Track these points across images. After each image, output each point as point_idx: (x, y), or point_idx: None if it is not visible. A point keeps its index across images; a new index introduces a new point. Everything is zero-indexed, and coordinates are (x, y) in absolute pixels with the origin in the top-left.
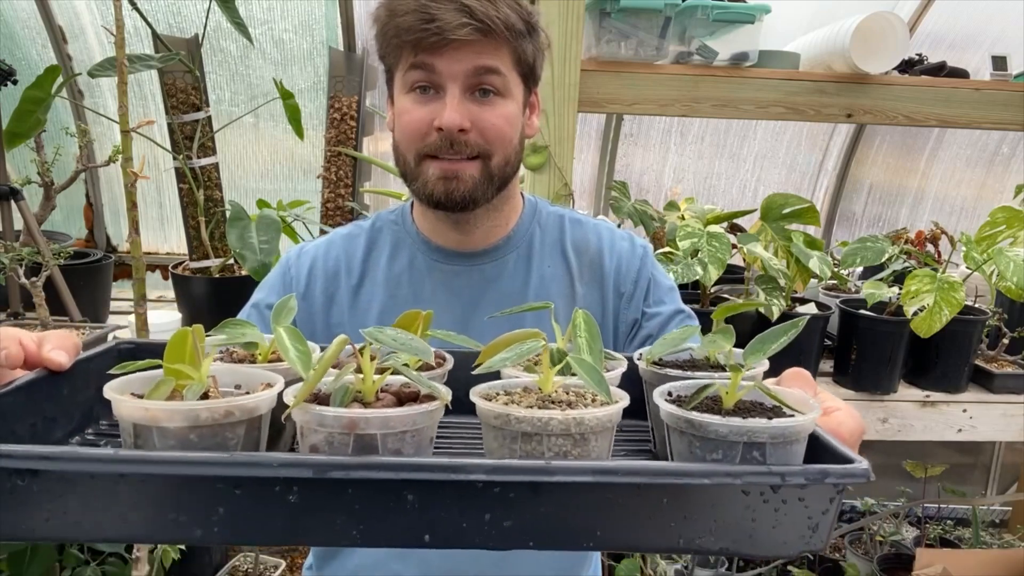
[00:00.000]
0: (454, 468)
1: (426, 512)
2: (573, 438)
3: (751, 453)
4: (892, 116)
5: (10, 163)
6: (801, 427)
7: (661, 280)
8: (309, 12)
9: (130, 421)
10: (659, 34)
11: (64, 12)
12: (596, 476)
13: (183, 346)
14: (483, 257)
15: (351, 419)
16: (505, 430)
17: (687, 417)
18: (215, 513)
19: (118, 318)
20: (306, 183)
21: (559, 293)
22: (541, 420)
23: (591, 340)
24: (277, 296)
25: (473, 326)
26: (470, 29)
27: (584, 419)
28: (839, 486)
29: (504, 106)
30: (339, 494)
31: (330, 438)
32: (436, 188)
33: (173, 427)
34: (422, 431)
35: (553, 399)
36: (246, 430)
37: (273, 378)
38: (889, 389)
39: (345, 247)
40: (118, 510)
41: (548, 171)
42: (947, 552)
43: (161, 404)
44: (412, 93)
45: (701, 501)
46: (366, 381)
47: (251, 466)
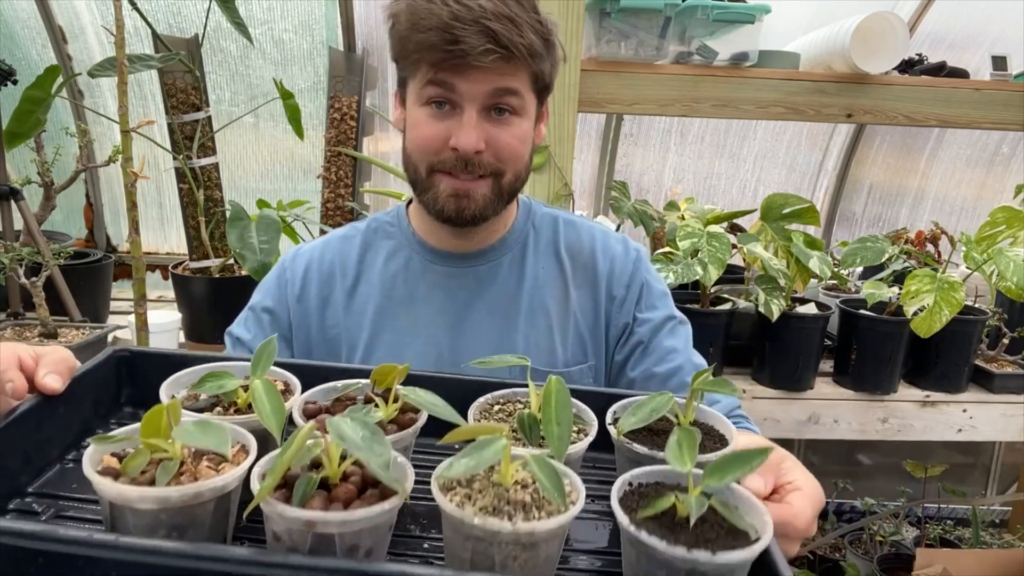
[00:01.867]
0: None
1: None
2: (523, 545)
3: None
4: (892, 116)
5: (10, 163)
6: (745, 561)
7: (654, 285)
8: (309, 12)
9: (107, 499)
10: (659, 34)
11: (64, 12)
12: None
13: (159, 420)
14: (478, 259)
15: (308, 520)
16: (460, 530)
17: (637, 536)
18: None
19: (118, 318)
20: (306, 183)
21: (553, 295)
22: (491, 531)
23: (560, 411)
24: (273, 299)
25: (467, 327)
26: (495, 57)
27: (535, 531)
28: None
29: (519, 125)
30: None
31: (290, 531)
32: (447, 205)
33: (144, 508)
34: (380, 526)
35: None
36: (216, 505)
37: (247, 440)
38: (889, 389)
39: (340, 249)
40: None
41: (548, 171)
42: (947, 552)
43: (134, 489)
44: (427, 107)
45: None
46: (332, 466)
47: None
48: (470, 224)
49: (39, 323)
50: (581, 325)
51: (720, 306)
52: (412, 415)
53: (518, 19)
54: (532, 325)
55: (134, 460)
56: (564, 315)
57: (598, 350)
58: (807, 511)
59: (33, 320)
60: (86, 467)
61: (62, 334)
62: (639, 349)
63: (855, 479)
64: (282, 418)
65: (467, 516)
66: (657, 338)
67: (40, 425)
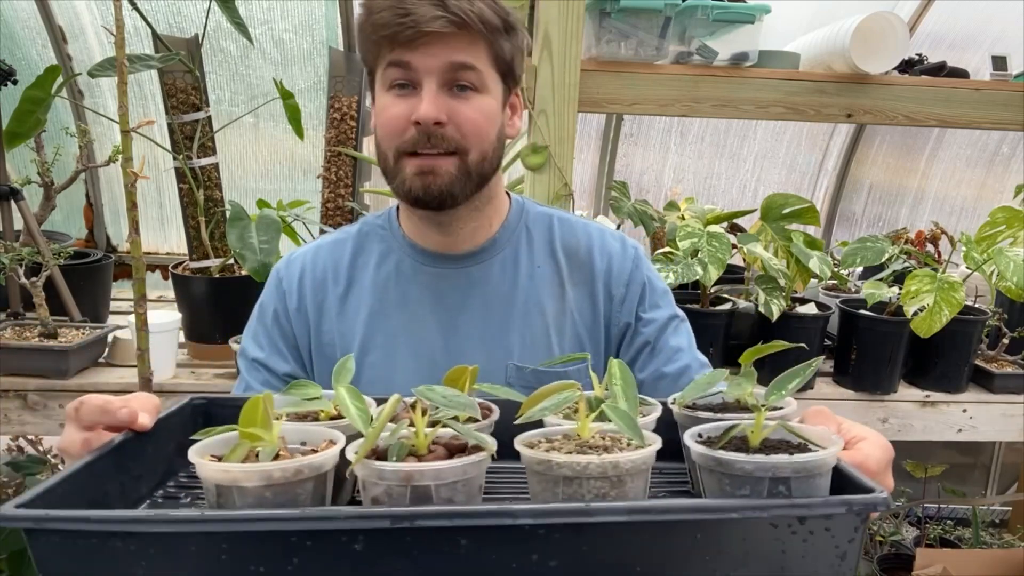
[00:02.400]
0: (502, 514)
1: (478, 555)
2: (610, 480)
3: (777, 488)
4: (892, 116)
5: (10, 163)
6: (822, 461)
7: (656, 283)
8: (309, 12)
9: (212, 482)
10: (659, 34)
11: (64, 12)
12: (631, 515)
13: (256, 411)
14: (468, 259)
15: (407, 472)
16: (547, 475)
17: (715, 456)
18: (290, 563)
19: (118, 318)
20: (306, 183)
21: (549, 295)
22: (580, 465)
23: (626, 387)
24: (276, 310)
25: (460, 328)
26: (444, 21)
27: (619, 462)
28: (862, 515)
29: (481, 101)
30: (399, 541)
31: (389, 490)
32: (413, 184)
33: (251, 486)
34: (472, 480)
35: (591, 444)
36: (314, 485)
37: (335, 435)
38: (889, 389)
39: (332, 253)
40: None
41: (548, 171)
42: (947, 552)
43: (240, 466)
44: (391, 91)
45: (732, 535)
46: (419, 436)
47: (320, 520)
48: (439, 204)
49: (39, 323)
50: (579, 324)
51: (720, 306)
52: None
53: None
54: (527, 325)
55: (235, 451)
56: (561, 314)
57: (596, 349)
58: (876, 453)
59: (33, 320)
60: (192, 455)
61: (62, 334)
62: (646, 349)
63: None
64: (368, 417)
65: (554, 456)
66: (663, 338)
67: (133, 459)
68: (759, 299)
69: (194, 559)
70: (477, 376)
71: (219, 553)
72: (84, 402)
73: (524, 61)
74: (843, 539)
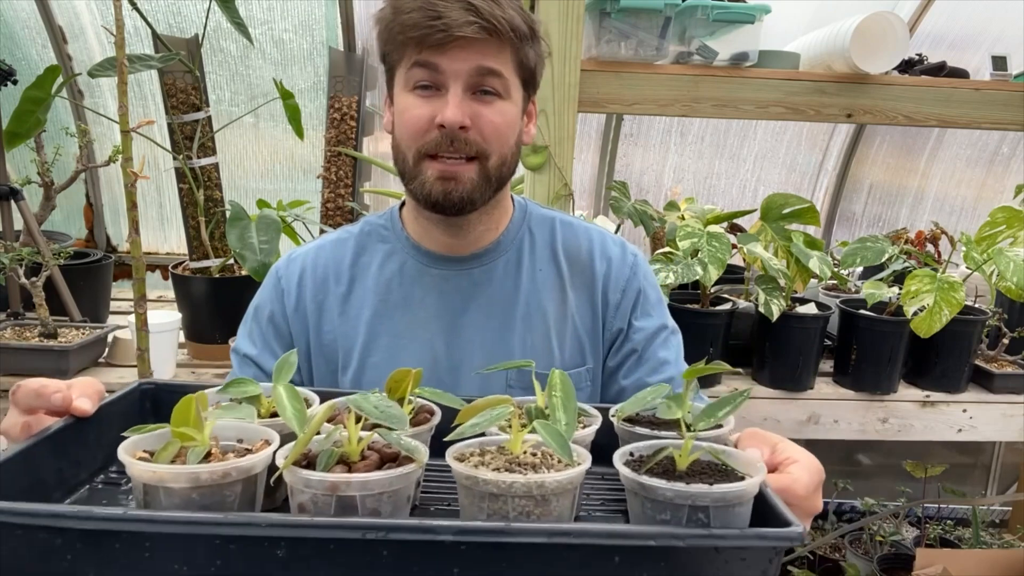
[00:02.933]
0: (423, 529)
1: (400, 567)
2: (535, 499)
3: (696, 515)
4: (892, 116)
5: (10, 163)
6: (741, 492)
7: (650, 292)
8: (309, 12)
9: (140, 481)
10: (659, 34)
11: (64, 12)
12: (551, 537)
13: (188, 410)
14: (472, 261)
15: (332, 483)
16: (474, 490)
17: (638, 480)
18: (213, 565)
19: (118, 318)
20: (306, 183)
21: (550, 298)
22: (505, 483)
23: (566, 399)
24: (272, 308)
25: (462, 330)
26: (476, 27)
27: (545, 482)
28: (776, 548)
29: (503, 107)
30: (321, 551)
31: (315, 498)
32: (434, 189)
33: (178, 487)
34: (399, 491)
35: (520, 461)
36: (243, 487)
37: (271, 435)
38: (889, 389)
39: (333, 253)
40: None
41: (548, 171)
42: (947, 552)
43: (167, 467)
44: (414, 91)
45: (650, 560)
46: (351, 443)
47: (241, 526)
48: (458, 210)
49: (39, 323)
50: (579, 328)
51: (720, 306)
52: (427, 415)
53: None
54: (529, 328)
55: (165, 450)
56: (562, 318)
57: (596, 353)
58: (804, 478)
59: (33, 320)
60: (121, 453)
61: (62, 334)
62: (633, 357)
63: (855, 479)
64: (304, 418)
65: (481, 473)
66: (651, 348)
67: (72, 445)
68: (759, 299)
69: (118, 556)
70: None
71: (143, 551)
72: (21, 385)
73: (544, 69)
74: (757, 569)
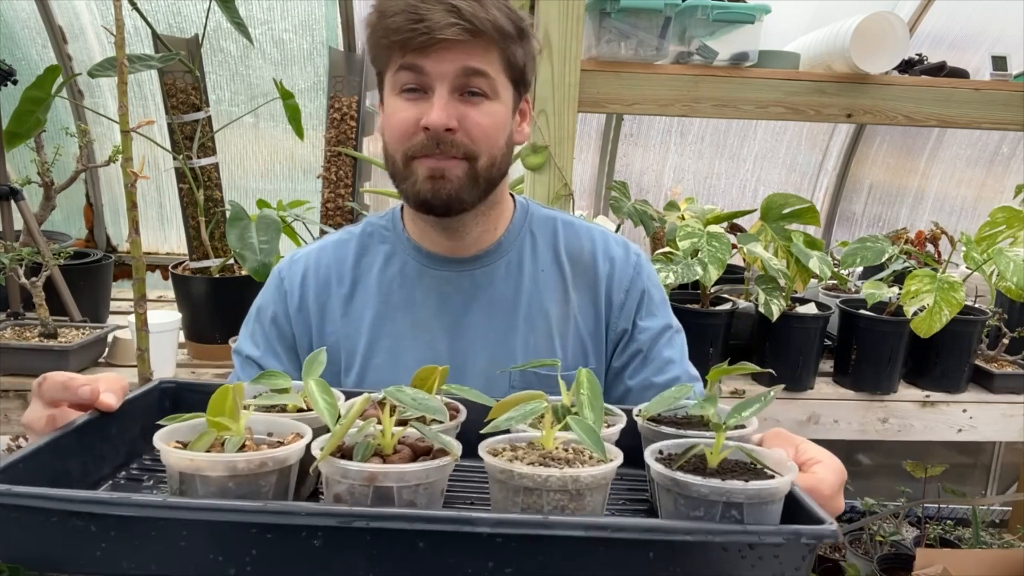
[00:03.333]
0: (461, 520)
1: (436, 559)
2: (570, 494)
3: (730, 512)
4: (892, 116)
5: (10, 163)
6: (776, 489)
7: (654, 292)
8: (309, 12)
9: (177, 469)
10: (659, 34)
11: (64, 12)
12: (588, 531)
13: (224, 400)
14: (473, 263)
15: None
16: (508, 484)
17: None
18: (248, 554)
19: (118, 318)
20: (306, 183)
21: (552, 299)
22: (541, 477)
23: (592, 398)
24: (275, 309)
25: (465, 331)
26: (458, 29)
27: (580, 477)
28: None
29: (491, 107)
30: (358, 541)
31: (352, 489)
32: (423, 188)
33: (214, 476)
34: (434, 484)
35: (553, 456)
36: (278, 478)
37: (302, 428)
38: (889, 389)
39: (336, 254)
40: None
41: (548, 171)
42: (947, 552)
43: (205, 456)
44: (401, 95)
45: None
46: (385, 436)
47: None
48: (447, 209)
49: (39, 323)
50: (582, 329)
51: (720, 306)
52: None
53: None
54: (531, 329)
55: (200, 440)
56: (565, 319)
57: (598, 354)
58: (829, 478)
59: (33, 320)
60: (157, 441)
61: (62, 334)
62: (638, 357)
63: (855, 479)
64: (335, 411)
65: (516, 467)
66: (656, 347)
67: (96, 439)
68: (759, 299)
69: (153, 544)
70: (480, 378)
71: (178, 540)
72: (47, 378)
73: (535, 67)
74: (790, 567)
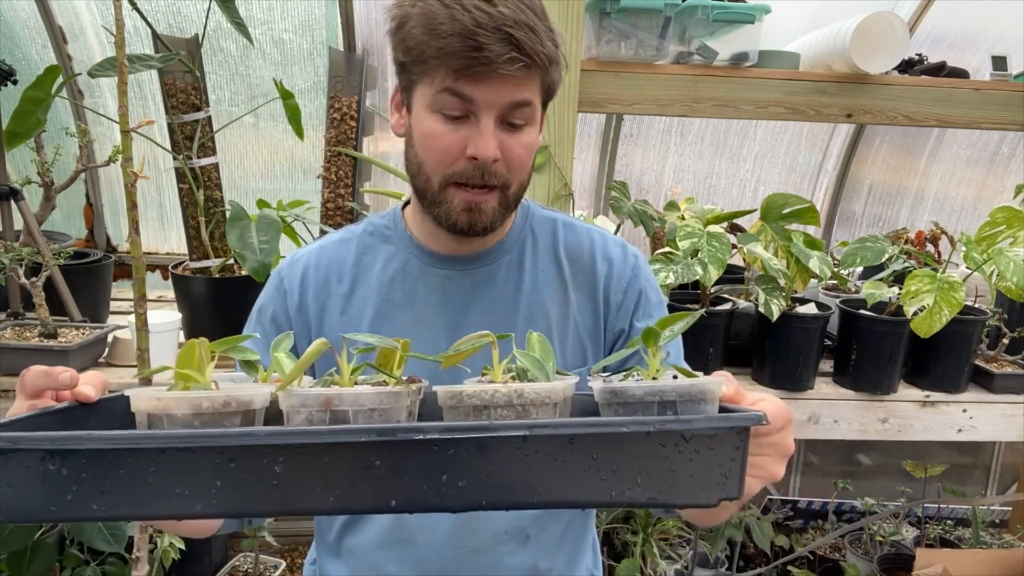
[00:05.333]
0: (411, 429)
1: (392, 476)
2: (515, 409)
3: (664, 412)
4: (892, 116)
5: (10, 163)
6: (704, 385)
7: (651, 294)
8: (309, 12)
9: (145, 412)
10: (659, 34)
11: (64, 12)
12: (531, 430)
13: (192, 354)
14: (475, 262)
15: (327, 397)
16: (458, 408)
17: (610, 388)
18: (214, 486)
19: (118, 318)
20: (306, 183)
21: (552, 299)
22: (487, 393)
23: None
24: (275, 310)
25: (465, 331)
26: (520, 66)
27: (524, 392)
28: (741, 433)
29: (529, 136)
30: (317, 461)
31: (310, 416)
32: (460, 220)
33: (179, 414)
34: (389, 411)
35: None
36: (242, 420)
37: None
38: (889, 389)
39: (336, 253)
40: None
41: (548, 171)
42: (947, 552)
43: (170, 394)
44: (439, 115)
45: (625, 454)
46: (343, 375)
47: (242, 437)
48: (480, 236)
49: (39, 323)
50: (581, 329)
51: (720, 306)
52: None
53: (536, 27)
54: (531, 328)
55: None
56: (564, 319)
57: (597, 353)
58: (771, 408)
59: (33, 320)
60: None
61: (62, 334)
62: (634, 358)
63: (855, 479)
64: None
65: (465, 387)
66: None
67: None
68: (759, 299)
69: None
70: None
71: (147, 476)
72: (30, 369)
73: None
74: (726, 458)
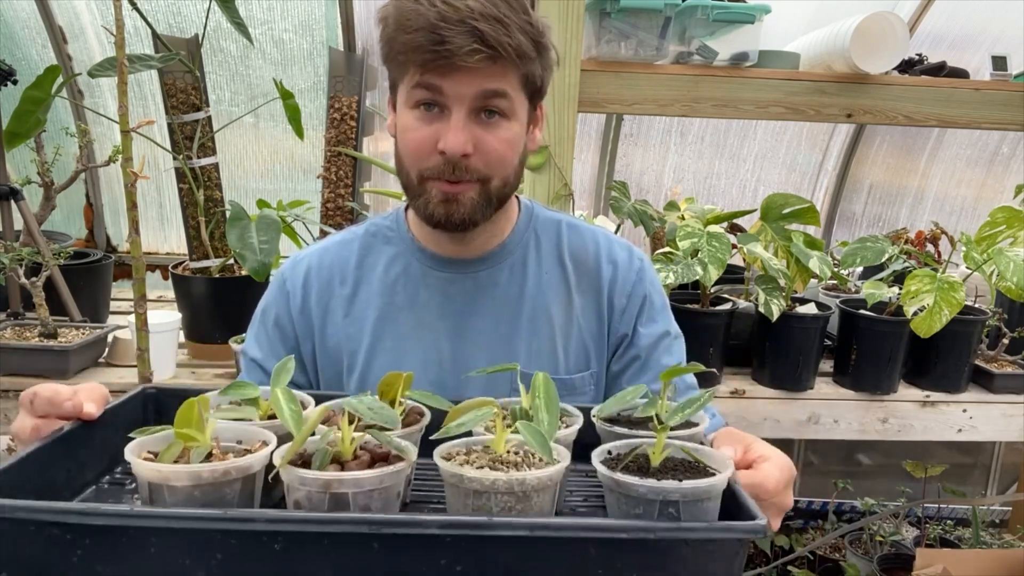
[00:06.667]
0: (412, 523)
1: (391, 559)
2: (516, 495)
3: (667, 510)
4: (892, 116)
5: (10, 163)
6: (710, 487)
7: (656, 298)
8: (309, 12)
9: (145, 479)
10: (659, 34)
11: (64, 12)
12: (532, 531)
13: (191, 412)
14: (478, 264)
15: (326, 481)
16: (459, 487)
17: (613, 477)
18: (214, 559)
19: (118, 318)
20: (306, 183)
21: (556, 301)
22: (488, 481)
23: (549, 401)
24: (278, 311)
25: (468, 333)
26: (481, 57)
27: (526, 480)
28: (743, 540)
29: (508, 129)
30: (317, 543)
31: (309, 495)
32: (437, 211)
33: (180, 485)
34: (389, 488)
35: (503, 460)
36: (242, 485)
37: (268, 436)
38: (889, 389)
39: (338, 254)
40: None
41: (548, 171)
42: (947, 552)
43: (170, 467)
44: (416, 110)
45: (625, 552)
46: (344, 443)
47: (241, 521)
48: (460, 228)
49: (39, 323)
50: (584, 332)
51: (720, 306)
52: (417, 416)
53: (506, 20)
54: (534, 331)
55: (169, 450)
56: (568, 321)
57: (600, 357)
58: (774, 474)
59: (33, 320)
60: (128, 453)
61: (62, 334)
62: (636, 363)
63: (855, 479)
64: (300, 420)
65: (466, 471)
66: (655, 354)
67: (80, 447)
68: (759, 299)
69: (124, 550)
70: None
71: (148, 547)
72: (37, 394)
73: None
74: (725, 560)
